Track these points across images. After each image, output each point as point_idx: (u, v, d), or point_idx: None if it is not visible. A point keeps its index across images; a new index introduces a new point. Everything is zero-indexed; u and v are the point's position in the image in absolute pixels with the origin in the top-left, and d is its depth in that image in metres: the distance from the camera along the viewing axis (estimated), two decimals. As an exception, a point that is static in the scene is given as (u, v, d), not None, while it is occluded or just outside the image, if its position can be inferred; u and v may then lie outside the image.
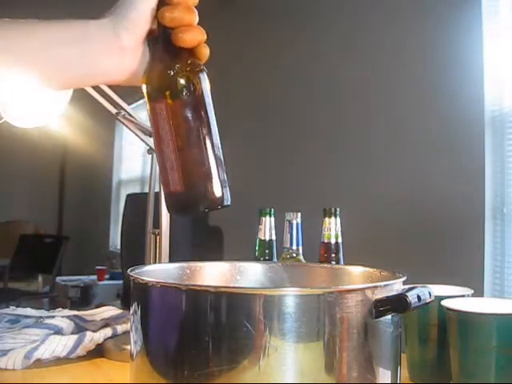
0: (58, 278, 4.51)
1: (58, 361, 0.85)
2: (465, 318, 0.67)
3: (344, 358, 0.52)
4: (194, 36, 0.55)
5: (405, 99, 2.52)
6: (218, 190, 0.55)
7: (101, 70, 0.55)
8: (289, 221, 1.06)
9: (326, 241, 1.03)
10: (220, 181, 0.55)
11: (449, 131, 2.28)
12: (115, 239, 5.39)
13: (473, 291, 0.79)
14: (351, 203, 2.06)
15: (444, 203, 2.26)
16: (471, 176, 2.18)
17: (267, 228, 1.09)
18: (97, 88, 0.92)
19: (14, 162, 5.35)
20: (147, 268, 0.71)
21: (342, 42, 2.90)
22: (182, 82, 0.54)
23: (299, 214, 1.06)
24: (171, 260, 0.94)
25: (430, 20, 2.39)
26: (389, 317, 0.55)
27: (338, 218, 1.04)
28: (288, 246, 1.06)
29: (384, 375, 0.56)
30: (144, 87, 0.56)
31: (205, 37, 0.56)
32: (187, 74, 0.55)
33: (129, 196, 3.24)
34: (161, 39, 0.55)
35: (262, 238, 1.09)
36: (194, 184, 0.55)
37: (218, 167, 0.55)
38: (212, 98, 0.56)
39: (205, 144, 0.55)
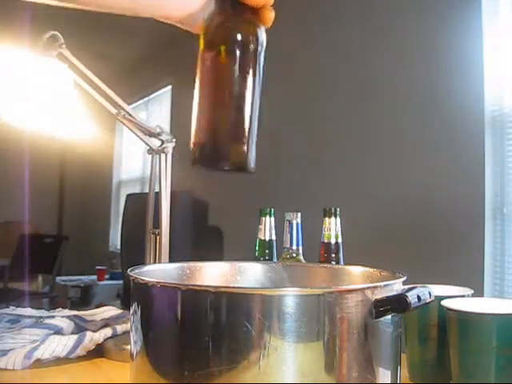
0: (58, 278, 4.51)
1: (58, 361, 0.85)
2: (465, 318, 0.67)
3: (344, 358, 0.52)
4: None
5: (405, 99, 2.52)
6: (241, 150, 0.54)
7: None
8: (289, 221, 1.06)
9: (326, 241, 1.03)
10: (247, 142, 0.55)
11: (449, 131, 2.28)
12: (115, 239, 5.39)
13: (473, 291, 0.79)
14: (351, 203, 2.06)
15: (444, 203, 2.26)
16: (471, 176, 2.18)
17: (267, 228, 1.09)
18: (97, 88, 0.92)
19: (13, 162, 5.35)
20: (147, 268, 0.71)
21: (340, 41, 2.90)
22: (236, 35, 0.54)
23: (299, 214, 1.06)
24: (171, 260, 0.94)
25: (430, 20, 2.39)
26: (389, 317, 0.55)
27: (338, 218, 1.04)
28: (288, 245, 1.06)
29: (384, 375, 0.56)
30: (201, 35, 0.56)
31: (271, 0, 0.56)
32: (244, 30, 0.55)
33: (129, 196, 3.25)
34: None
35: (262, 238, 1.09)
36: (219, 136, 0.55)
37: (249, 128, 0.55)
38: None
39: (242, 103, 0.54)
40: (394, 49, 2.58)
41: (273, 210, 1.10)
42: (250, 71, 0.55)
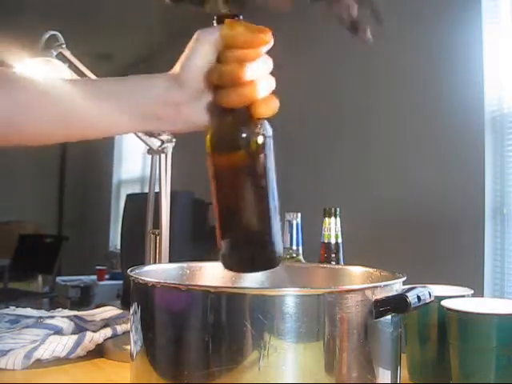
0: (58, 278, 4.50)
1: (58, 361, 0.85)
2: (465, 318, 0.67)
3: (344, 358, 0.52)
4: (239, 96, 0.52)
5: (405, 99, 2.51)
6: (269, 253, 0.54)
7: (160, 118, 0.56)
8: (289, 221, 1.06)
9: (326, 241, 1.03)
10: (272, 240, 0.53)
11: (449, 131, 2.28)
12: (115, 239, 5.38)
13: (473, 291, 0.79)
14: (351, 203, 2.06)
15: (444, 203, 2.26)
16: (471, 176, 2.18)
17: (267, 228, 1.09)
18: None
19: (13, 161, 5.35)
20: (147, 268, 0.71)
21: (339, 42, 2.90)
22: (232, 139, 0.53)
23: (299, 214, 1.06)
24: (171, 260, 0.94)
25: (430, 20, 2.39)
26: (389, 317, 0.55)
27: (338, 218, 1.04)
28: (288, 246, 1.06)
29: (384, 375, 0.56)
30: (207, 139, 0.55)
31: (255, 95, 0.53)
32: (238, 134, 0.53)
33: (129, 196, 3.24)
34: (213, 96, 0.54)
35: (262, 238, 1.09)
36: (235, 240, 0.57)
37: (272, 227, 0.54)
38: None
39: (252, 205, 0.54)
40: (393, 49, 2.58)
41: (273, 210, 1.10)
42: (257, 168, 0.53)
